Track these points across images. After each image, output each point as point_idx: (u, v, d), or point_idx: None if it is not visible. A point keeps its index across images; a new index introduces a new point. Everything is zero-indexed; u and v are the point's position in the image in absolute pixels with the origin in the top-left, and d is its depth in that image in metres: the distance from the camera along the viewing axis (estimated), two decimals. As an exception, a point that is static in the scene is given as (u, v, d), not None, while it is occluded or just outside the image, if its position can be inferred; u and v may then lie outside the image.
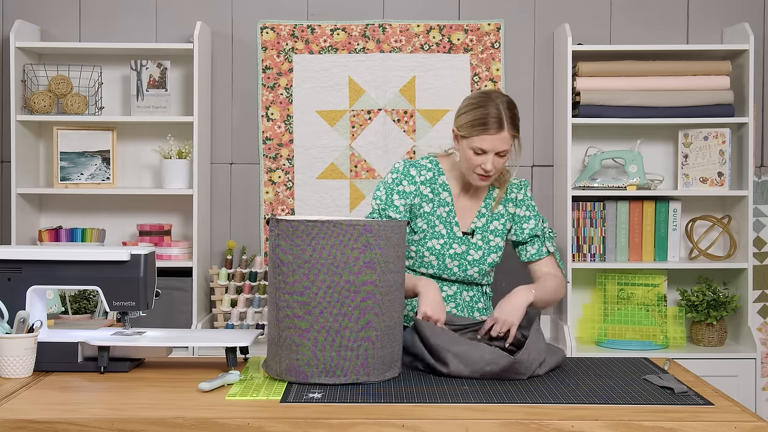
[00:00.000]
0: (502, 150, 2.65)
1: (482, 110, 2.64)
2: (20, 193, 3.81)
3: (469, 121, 2.66)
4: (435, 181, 2.80)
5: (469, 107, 2.68)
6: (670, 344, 3.82)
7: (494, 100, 2.65)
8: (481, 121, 2.63)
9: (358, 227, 2.29)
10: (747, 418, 2.04)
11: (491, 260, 2.81)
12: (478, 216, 2.80)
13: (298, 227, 2.30)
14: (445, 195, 2.79)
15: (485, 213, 2.81)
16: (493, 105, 2.64)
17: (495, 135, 2.63)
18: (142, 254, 2.48)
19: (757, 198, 3.97)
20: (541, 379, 2.39)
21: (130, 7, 4.06)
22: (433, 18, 4.04)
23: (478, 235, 2.79)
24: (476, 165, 2.68)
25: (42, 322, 2.52)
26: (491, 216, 2.81)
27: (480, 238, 2.79)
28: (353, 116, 4.04)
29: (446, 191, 2.79)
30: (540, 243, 2.83)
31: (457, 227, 2.78)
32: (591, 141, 4.02)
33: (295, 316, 2.29)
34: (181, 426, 2.01)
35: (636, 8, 4.06)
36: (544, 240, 2.83)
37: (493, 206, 2.81)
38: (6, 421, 2.02)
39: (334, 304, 2.28)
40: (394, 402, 2.16)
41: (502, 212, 2.82)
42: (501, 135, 2.63)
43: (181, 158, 3.89)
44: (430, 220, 2.77)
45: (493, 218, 2.81)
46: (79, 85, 3.91)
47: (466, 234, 2.79)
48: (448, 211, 2.79)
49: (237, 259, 4.00)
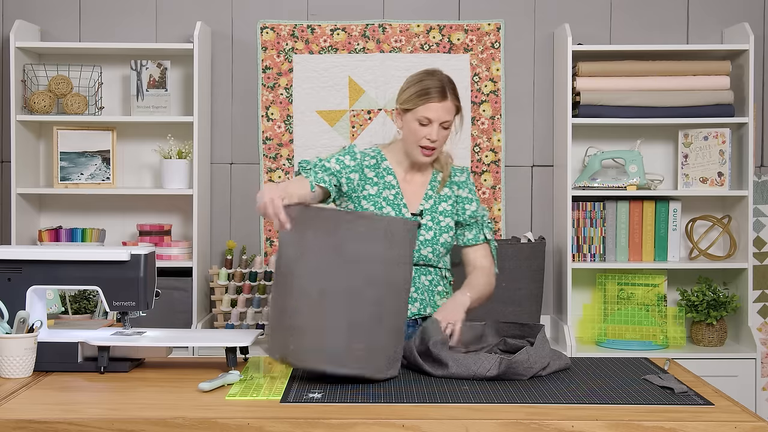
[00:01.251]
0: (446, 120, 2.77)
1: (426, 82, 2.79)
2: (20, 193, 3.81)
3: (413, 93, 2.79)
4: (378, 165, 2.87)
5: (412, 82, 2.83)
6: (670, 344, 3.82)
7: (435, 74, 2.82)
8: (426, 91, 2.77)
9: (383, 221, 2.38)
10: (747, 418, 2.04)
11: (443, 240, 2.84)
12: (425, 198, 2.87)
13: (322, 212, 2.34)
14: (390, 178, 2.86)
15: (432, 195, 2.87)
16: (436, 77, 2.80)
17: (439, 103, 2.75)
18: (142, 254, 2.48)
19: (757, 198, 3.97)
20: (541, 379, 2.39)
21: (130, 7, 4.06)
22: (433, 18, 4.04)
23: (428, 215, 2.84)
24: (422, 137, 2.77)
25: (42, 322, 2.52)
26: (438, 197, 2.87)
27: (430, 219, 2.84)
28: (353, 116, 4.04)
29: (390, 174, 2.86)
30: (478, 229, 2.89)
31: (405, 209, 2.83)
32: (591, 141, 4.02)
33: (309, 300, 2.30)
34: (181, 426, 2.01)
35: (636, 8, 4.06)
36: (482, 227, 2.89)
37: (438, 188, 2.88)
38: (6, 421, 2.02)
39: (350, 294, 2.30)
40: (394, 402, 2.16)
41: (448, 194, 2.89)
42: (445, 104, 2.76)
43: (181, 158, 3.89)
44: (376, 202, 2.82)
45: (441, 200, 2.87)
46: (79, 85, 3.91)
47: (415, 215, 2.84)
48: (395, 194, 2.85)
49: (237, 259, 4.00)
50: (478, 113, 4.04)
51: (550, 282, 4.03)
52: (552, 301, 4.04)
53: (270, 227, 4.06)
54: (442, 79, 2.79)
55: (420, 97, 2.77)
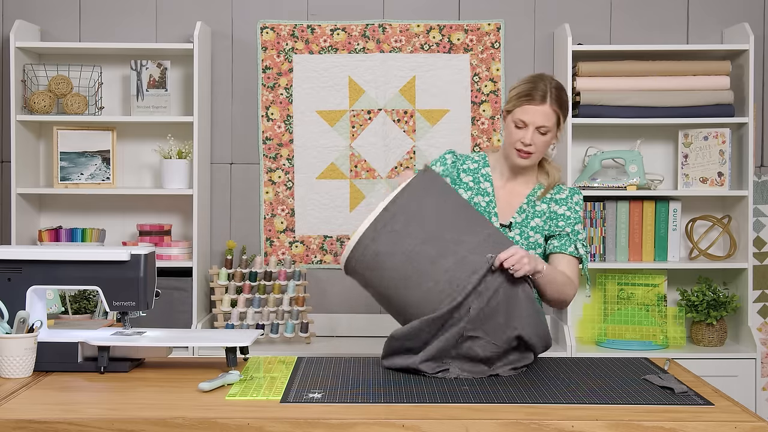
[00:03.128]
0: (543, 125, 2.68)
1: (530, 84, 2.72)
2: (20, 193, 3.81)
3: (516, 94, 2.73)
4: (478, 171, 2.82)
5: (520, 83, 2.77)
6: (670, 344, 3.82)
7: (544, 79, 2.74)
8: (526, 93, 2.70)
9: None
10: (747, 418, 2.04)
11: None
12: (519, 211, 2.78)
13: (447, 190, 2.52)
14: (487, 185, 2.80)
15: (526, 209, 2.78)
16: (542, 82, 2.72)
17: (537, 106, 2.68)
18: (142, 254, 2.48)
19: (757, 198, 3.97)
20: (542, 379, 2.38)
21: (130, 7, 4.06)
22: (433, 18, 4.04)
23: (516, 229, 2.76)
24: (516, 139, 2.71)
25: (42, 322, 2.52)
26: (533, 212, 2.77)
27: (518, 233, 2.75)
28: (353, 116, 4.04)
29: (488, 182, 2.80)
30: (568, 240, 2.75)
31: (495, 218, 2.76)
32: (591, 141, 4.02)
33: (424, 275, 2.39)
34: (181, 426, 2.01)
35: (636, 8, 4.06)
36: (574, 240, 2.75)
37: (536, 199, 2.78)
38: (6, 421, 2.02)
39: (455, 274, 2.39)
40: (394, 402, 2.16)
41: (544, 210, 2.78)
42: (543, 107, 2.68)
43: (181, 158, 3.89)
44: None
45: (535, 215, 2.77)
46: (79, 85, 3.91)
47: (504, 226, 2.76)
48: (488, 201, 2.78)
49: (237, 259, 4.00)
50: (478, 113, 4.04)
51: (550, 282, 4.02)
52: (552, 301, 4.03)
53: (270, 227, 4.06)
54: (548, 84, 2.71)
55: (520, 98, 2.71)
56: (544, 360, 2.62)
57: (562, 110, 2.71)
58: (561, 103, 2.71)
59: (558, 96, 2.70)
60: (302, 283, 3.90)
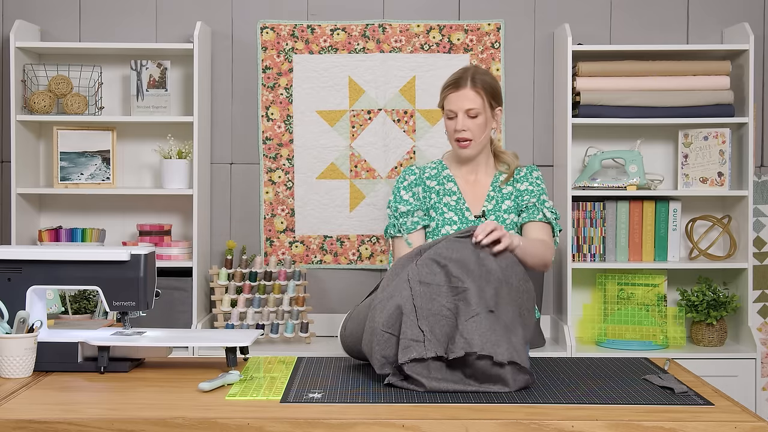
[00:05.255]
0: (469, 108, 2.81)
1: (453, 77, 2.89)
2: (20, 193, 3.81)
3: (442, 88, 2.89)
4: (439, 174, 2.95)
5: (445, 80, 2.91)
6: (670, 344, 3.82)
7: (467, 69, 2.89)
8: (448, 84, 2.87)
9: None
10: (747, 418, 2.04)
11: None
12: (488, 199, 2.91)
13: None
14: (451, 185, 2.93)
15: (494, 195, 2.91)
16: (464, 71, 2.87)
17: (457, 92, 2.81)
18: (142, 254, 2.48)
19: (757, 198, 3.97)
20: (542, 380, 2.39)
21: (130, 7, 4.06)
22: (433, 18, 4.04)
23: (491, 216, 2.88)
24: (452, 130, 2.85)
25: (42, 322, 2.52)
26: (501, 196, 2.91)
27: (494, 218, 2.87)
28: (353, 116, 4.04)
29: (451, 182, 2.93)
30: (536, 209, 2.88)
31: (468, 212, 2.88)
32: (591, 141, 4.02)
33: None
34: (181, 426, 2.01)
35: (636, 8, 4.06)
36: (541, 208, 2.88)
37: (500, 183, 2.91)
38: (6, 421, 2.02)
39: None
40: (394, 402, 2.16)
41: (510, 191, 2.92)
42: (464, 91, 2.81)
43: (181, 158, 3.89)
44: (438, 209, 2.89)
45: (504, 198, 2.91)
46: (79, 85, 3.91)
47: (478, 217, 2.88)
48: (457, 199, 2.91)
49: (237, 259, 4.00)
50: (478, 113, 4.03)
51: (550, 282, 4.03)
52: (552, 300, 4.04)
53: (270, 227, 4.06)
54: (469, 71, 2.84)
55: (444, 90, 2.86)
56: (545, 360, 2.63)
57: (486, 91, 2.83)
58: (484, 85, 2.83)
59: (480, 79, 2.83)
60: (302, 283, 3.90)
